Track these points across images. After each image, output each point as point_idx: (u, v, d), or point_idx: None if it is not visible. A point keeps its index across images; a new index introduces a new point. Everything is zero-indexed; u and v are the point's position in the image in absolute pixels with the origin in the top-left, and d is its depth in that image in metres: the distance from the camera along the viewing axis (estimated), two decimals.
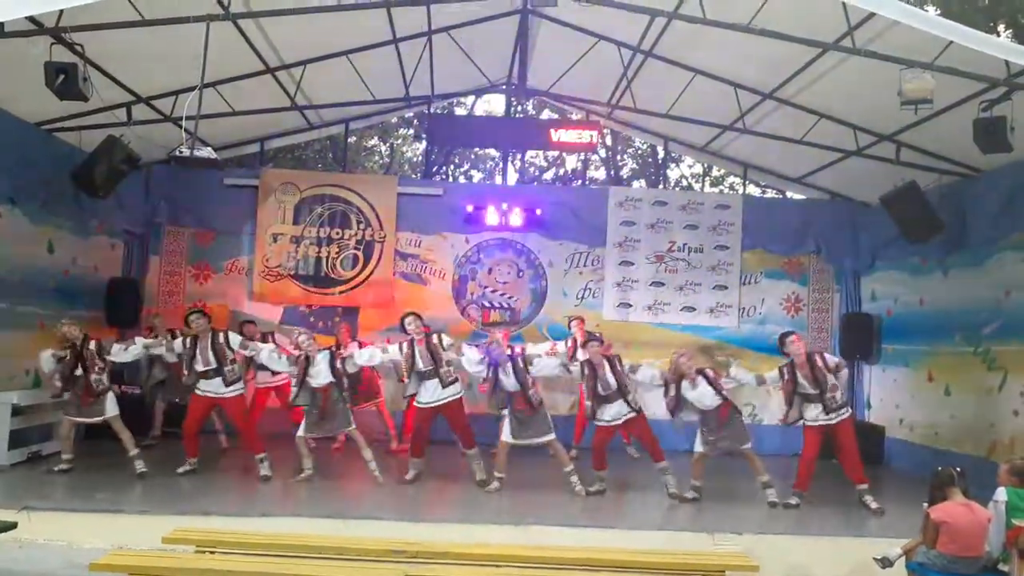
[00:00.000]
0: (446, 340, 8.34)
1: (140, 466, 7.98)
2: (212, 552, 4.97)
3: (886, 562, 5.51)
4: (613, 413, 7.99)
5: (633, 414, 7.98)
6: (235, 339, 8.36)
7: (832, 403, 7.72)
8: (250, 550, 5.01)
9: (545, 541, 6.14)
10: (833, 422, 7.75)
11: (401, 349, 8.23)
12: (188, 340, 8.25)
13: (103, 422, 8.14)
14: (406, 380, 8.32)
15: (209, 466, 8.44)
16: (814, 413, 7.80)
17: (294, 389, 8.15)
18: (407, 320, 8.33)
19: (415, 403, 8.50)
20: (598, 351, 8.10)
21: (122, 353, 8.33)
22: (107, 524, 6.43)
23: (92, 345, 8.10)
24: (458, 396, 8.30)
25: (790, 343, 7.90)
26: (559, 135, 9.88)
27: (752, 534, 6.66)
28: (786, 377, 7.92)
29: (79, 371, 7.99)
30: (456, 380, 8.29)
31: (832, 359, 8.04)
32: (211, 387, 8.18)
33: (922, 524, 5.36)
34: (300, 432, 8.13)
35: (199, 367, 8.12)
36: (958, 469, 5.47)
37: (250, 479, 8.12)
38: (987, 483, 5.71)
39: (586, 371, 8.09)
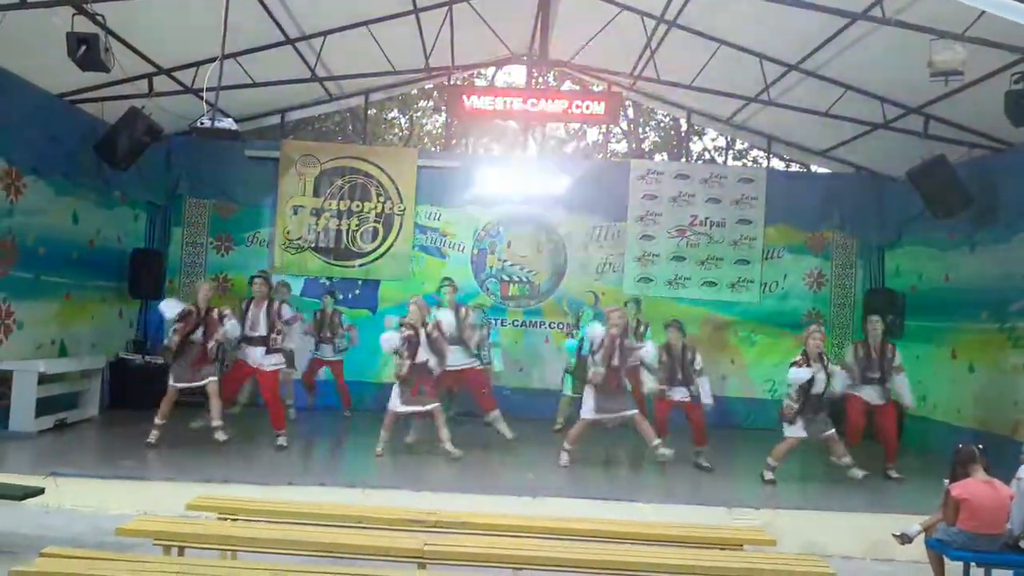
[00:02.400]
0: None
1: (221, 435, 7.94)
2: (234, 519, 5.04)
3: (905, 538, 5.49)
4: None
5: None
6: (286, 311, 8.47)
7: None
8: (271, 517, 5.08)
9: (562, 513, 6.18)
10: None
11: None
12: (244, 303, 8.44)
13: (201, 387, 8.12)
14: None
15: (232, 435, 8.54)
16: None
17: (403, 363, 8.07)
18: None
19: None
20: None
21: (235, 329, 8.24)
22: (132, 491, 6.56)
23: (215, 313, 8.11)
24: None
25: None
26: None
27: (770, 509, 6.66)
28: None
29: (198, 335, 8.00)
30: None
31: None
32: (253, 356, 8.27)
33: (942, 501, 5.33)
34: (394, 407, 8.10)
35: (247, 331, 8.24)
36: (980, 446, 5.43)
37: (271, 449, 8.21)
38: (1010, 462, 5.65)
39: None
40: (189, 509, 5.18)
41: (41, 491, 5.74)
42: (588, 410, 8.02)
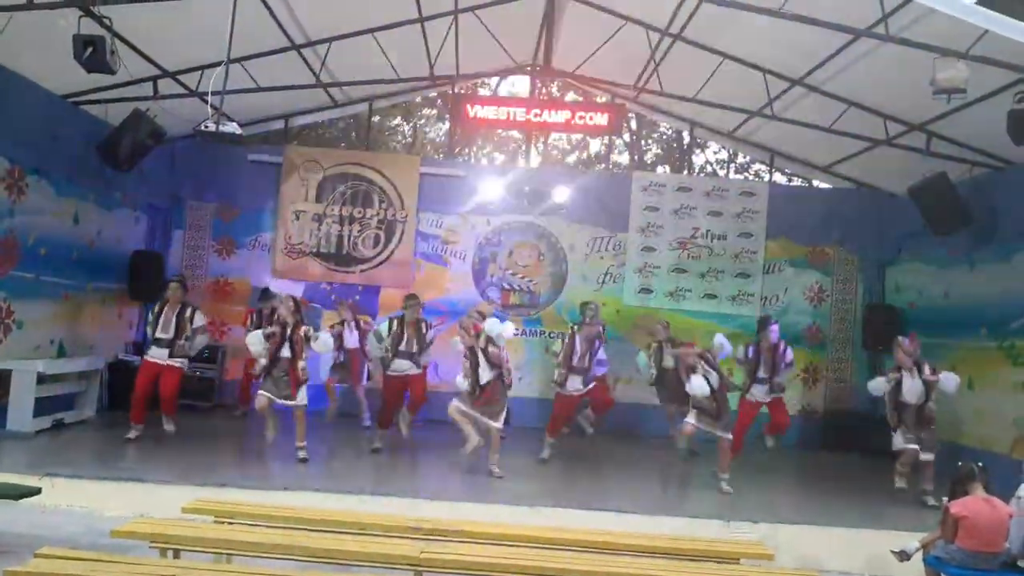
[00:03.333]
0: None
1: (303, 454, 7.85)
2: (231, 523, 5.03)
3: (904, 555, 5.48)
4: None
5: None
6: (198, 318, 8.68)
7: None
8: (268, 522, 5.06)
9: (559, 523, 6.15)
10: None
11: None
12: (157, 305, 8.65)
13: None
14: None
15: (227, 439, 8.53)
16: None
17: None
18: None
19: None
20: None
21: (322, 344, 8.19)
22: (129, 493, 6.53)
23: (302, 331, 7.87)
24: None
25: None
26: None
27: (768, 523, 6.64)
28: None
29: (286, 352, 7.82)
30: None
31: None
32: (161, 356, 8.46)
33: (941, 518, 5.31)
34: (457, 404, 7.98)
35: (158, 333, 8.46)
36: (980, 464, 5.41)
37: (269, 453, 8.18)
38: (1009, 480, 5.64)
39: None
40: (185, 512, 5.16)
41: (37, 491, 5.73)
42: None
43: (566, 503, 6.90)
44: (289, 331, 7.85)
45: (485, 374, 7.74)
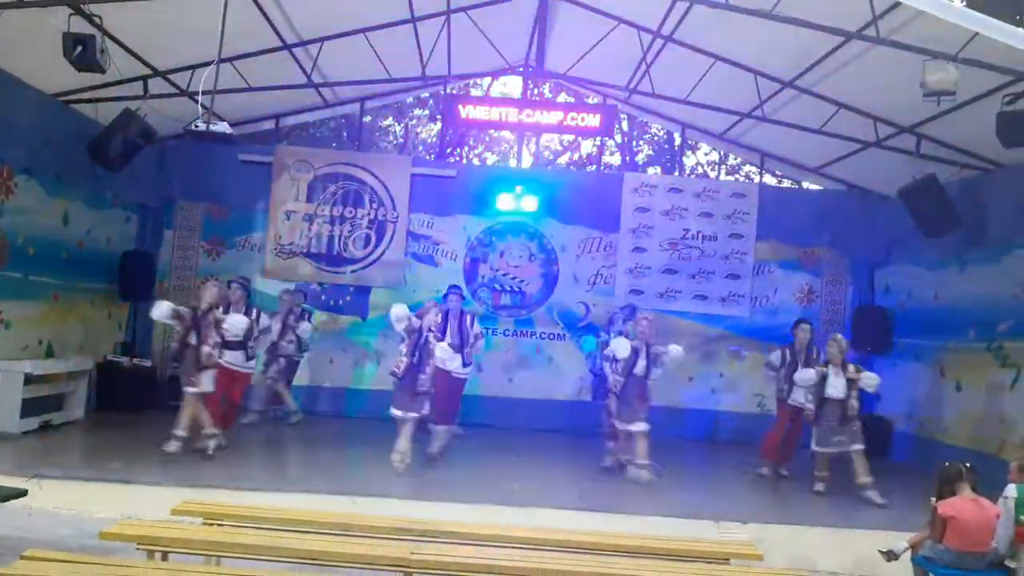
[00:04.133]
0: None
1: (204, 444, 7.73)
2: (220, 524, 5.01)
3: (892, 555, 5.50)
4: None
5: None
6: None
7: None
8: (257, 523, 5.04)
9: (549, 524, 6.15)
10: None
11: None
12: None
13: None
14: None
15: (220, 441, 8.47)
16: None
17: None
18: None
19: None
20: None
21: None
22: (117, 494, 6.50)
23: (212, 316, 7.87)
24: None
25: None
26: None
27: (757, 523, 6.66)
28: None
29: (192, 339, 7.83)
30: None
31: None
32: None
33: (929, 518, 5.34)
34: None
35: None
36: (967, 464, 5.44)
37: (258, 454, 8.16)
38: (997, 480, 5.67)
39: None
40: (174, 514, 5.13)
41: (24, 493, 5.67)
42: (816, 444, 8.14)
43: (556, 504, 6.91)
44: (200, 315, 7.84)
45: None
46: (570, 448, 9.69)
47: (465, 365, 8.60)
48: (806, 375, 8.33)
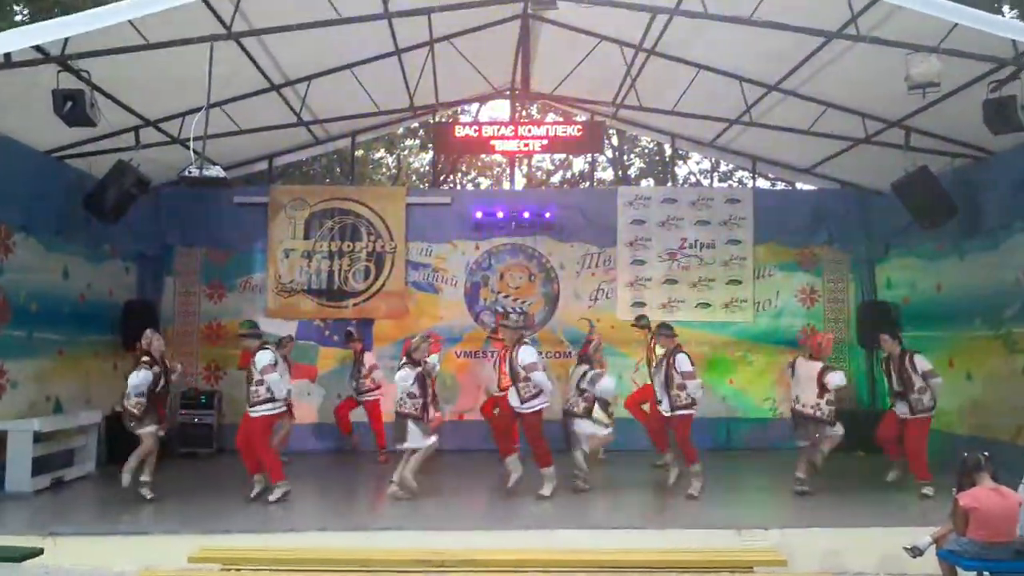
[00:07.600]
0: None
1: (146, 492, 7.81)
2: (238, 570, 4.98)
3: (916, 551, 5.44)
4: None
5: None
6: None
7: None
8: (275, 566, 5.01)
9: (569, 544, 6.10)
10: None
11: None
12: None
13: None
14: None
15: (229, 484, 8.44)
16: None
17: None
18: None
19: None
20: None
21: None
22: (133, 546, 6.43)
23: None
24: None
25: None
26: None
27: (778, 528, 6.59)
28: None
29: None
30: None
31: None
32: None
33: (951, 511, 5.30)
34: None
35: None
36: (985, 454, 5.40)
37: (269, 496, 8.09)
38: (1015, 467, 5.64)
39: None
40: (192, 562, 5.11)
41: (40, 552, 5.64)
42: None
43: (576, 524, 6.84)
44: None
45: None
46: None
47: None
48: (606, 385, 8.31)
